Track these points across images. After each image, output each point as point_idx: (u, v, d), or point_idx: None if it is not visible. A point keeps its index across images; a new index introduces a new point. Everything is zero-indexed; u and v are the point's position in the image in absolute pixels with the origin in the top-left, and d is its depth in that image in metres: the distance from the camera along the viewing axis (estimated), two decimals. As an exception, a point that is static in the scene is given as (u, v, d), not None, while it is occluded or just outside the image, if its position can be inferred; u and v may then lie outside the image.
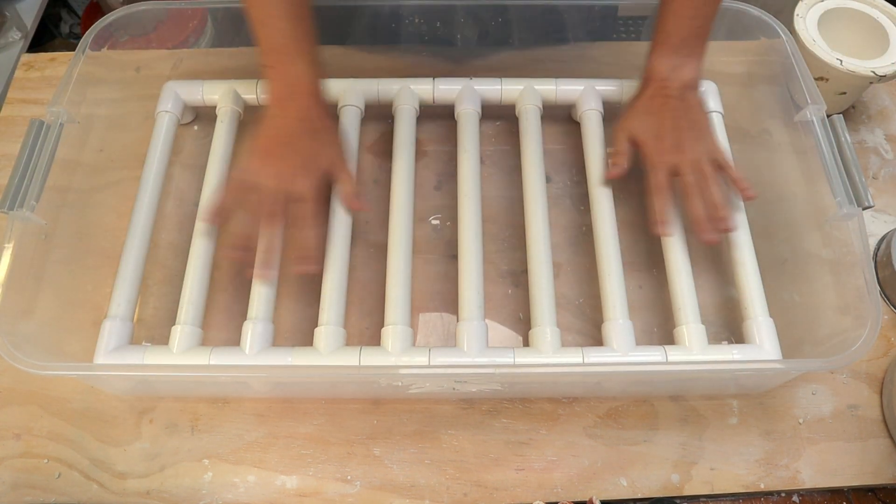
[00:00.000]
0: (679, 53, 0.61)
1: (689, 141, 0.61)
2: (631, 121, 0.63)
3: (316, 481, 0.57)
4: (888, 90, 0.78)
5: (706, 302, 0.63)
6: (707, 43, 0.62)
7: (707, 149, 0.61)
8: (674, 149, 0.61)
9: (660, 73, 0.62)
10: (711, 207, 0.59)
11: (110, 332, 0.56)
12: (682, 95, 0.62)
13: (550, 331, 0.55)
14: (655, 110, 0.62)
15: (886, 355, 0.63)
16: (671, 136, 0.61)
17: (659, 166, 0.61)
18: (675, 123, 0.61)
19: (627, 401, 0.60)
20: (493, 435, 0.58)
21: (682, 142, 0.61)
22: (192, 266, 0.59)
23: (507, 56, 0.78)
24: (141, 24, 0.71)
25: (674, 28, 0.61)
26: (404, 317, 0.56)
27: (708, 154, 0.61)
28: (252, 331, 0.55)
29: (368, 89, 0.69)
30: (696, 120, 0.62)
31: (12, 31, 1.34)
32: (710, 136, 0.62)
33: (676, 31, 0.61)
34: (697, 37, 0.61)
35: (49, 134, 0.60)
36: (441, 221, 0.68)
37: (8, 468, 0.57)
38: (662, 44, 0.62)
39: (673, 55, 0.61)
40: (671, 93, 0.62)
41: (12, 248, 0.55)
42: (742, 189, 0.61)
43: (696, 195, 0.60)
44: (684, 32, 0.61)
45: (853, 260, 0.55)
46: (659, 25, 0.62)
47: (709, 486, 0.57)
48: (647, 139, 0.62)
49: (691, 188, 0.60)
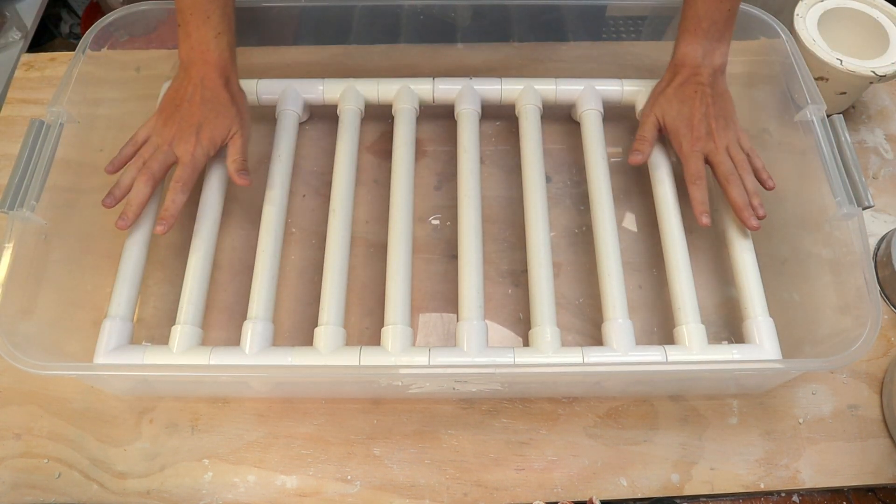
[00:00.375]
0: (710, 38, 0.61)
1: (721, 129, 0.61)
2: (662, 107, 0.63)
3: (316, 481, 0.57)
4: (888, 90, 0.78)
5: (706, 302, 0.63)
6: (734, 26, 0.62)
7: (736, 136, 0.62)
8: (707, 137, 0.61)
9: (692, 59, 0.62)
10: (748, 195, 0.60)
11: (110, 332, 0.56)
12: (713, 82, 0.62)
13: (550, 331, 0.55)
14: (688, 98, 0.62)
15: (886, 355, 0.63)
16: (703, 125, 0.61)
17: (694, 155, 0.61)
18: (706, 111, 0.61)
19: (627, 401, 0.60)
20: (493, 435, 0.58)
21: (713, 130, 0.61)
22: (192, 266, 0.59)
23: (508, 56, 0.78)
24: (141, 24, 0.71)
25: (704, 12, 0.61)
26: (404, 317, 0.56)
27: (737, 141, 0.61)
28: (252, 331, 0.55)
29: (368, 89, 0.69)
30: (726, 107, 0.62)
31: (12, 31, 1.34)
32: (736, 123, 0.63)
33: (707, 14, 0.61)
34: (727, 20, 0.61)
35: (49, 134, 0.60)
36: (441, 221, 0.68)
37: (8, 468, 0.57)
38: (693, 28, 0.62)
39: (704, 40, 0.61)
40: (703, 80, 0.62)
41: (12, 248, 0.55)
42: (763, 179, 0.62)
43: (735, 183, 0.60)
44: (715, 15, 0.61)
45: (853, 260, 0.55)
46: (688, 10, 0.62)
47: (709, 486, 0.57)
48: (679, 127, 0.62)
49: (730, 176, 0.60)
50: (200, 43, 0.60)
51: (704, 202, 0.60)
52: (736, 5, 0.61)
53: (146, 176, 0.59)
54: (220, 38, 0.60)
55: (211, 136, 0.60)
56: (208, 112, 0.60)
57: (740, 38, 0.72)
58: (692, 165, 0.61)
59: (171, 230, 0.58)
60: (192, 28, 0.59)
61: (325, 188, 0.65)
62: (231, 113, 0.61)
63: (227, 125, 0.61)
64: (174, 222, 0.59)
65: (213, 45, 0.60)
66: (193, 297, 0.57)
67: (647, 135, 0.64)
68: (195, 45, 0.60)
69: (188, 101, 0.60)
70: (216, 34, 0.60)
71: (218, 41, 0.60)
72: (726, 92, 0.63)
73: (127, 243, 0.60)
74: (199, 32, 0.59)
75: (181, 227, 0.66)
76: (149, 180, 0.59)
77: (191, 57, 0.61)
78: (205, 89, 0.60)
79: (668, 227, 0.61)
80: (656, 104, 0.64)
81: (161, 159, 0.59)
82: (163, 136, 0.60)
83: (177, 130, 0.60)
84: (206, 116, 0.60)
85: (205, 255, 0.60)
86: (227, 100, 0.61)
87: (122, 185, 0.60)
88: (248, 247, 0.65)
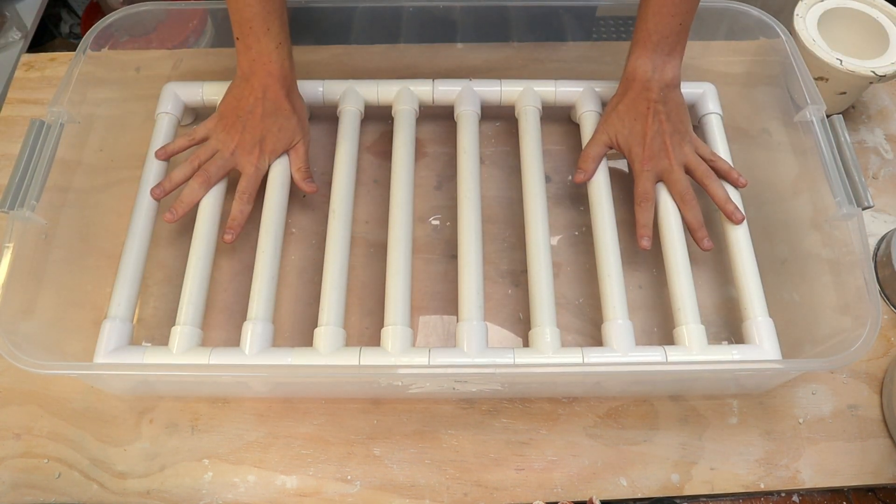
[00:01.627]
0: (660, 52, 0.61)
1: (675, 145, 0.61)
2: (614, 126, 0.63)
3: (316, 481, 0.57)
4: (888, 90, 0.78)
5: (706, 302, 0.63)
6: (686, 40, 0.62)
7: (693, 147, 0.62)
8: (660, 154, 0.61)
9: (642, 74, 0.62)
10: (721, 202, 0.60)
11: (110, 332, 0.56)
12: (664, 97, 0.62)
13: (550, 331, 0.55)
14: (640, 115, 0.62)
15: (886, 355, 0.63)
16: (657, 142, 0.61)
17: (644, 174, 0.61)
18: (659, 128, 0.61)
19: (627, 401, 0.60)
20: (493, 435, 0.58)
21: (667, 147, 0.61)
22: (192, 266, 0.59)
23: (507, 56, 0.78)
24: (141, 25, 0.71)
25: (654, 26, 0.60)
26: (404, 317, 0.56)
27: (694, 152, 0.62)
28: (252, 331, 0.55)
29: (368, 90, 0.69)
30: (680, 121, 0.62)
31: (12, 31, 1.34)
32: (692, 135, 0.63)
33: (657, 29, 0.60)
34: (678, 34, 0.61)
35: (49, 134, 0.60)
36: (441, 221, 0.68)
37: (8, 468, 0.57)
38: (643, 42, 0.61)
39: (654, 54, 0.61)
40: (653, 96, 0.61)
41: (12, 248, 0.55)
42: (733, 180, 0.62)
43: (691, 205, 0.60)
44: (665, 30, 0.60)
45: (853, 260, 0.55)
46: (640, 24, 0.62)
47: (709, 486, 0.57)
48: (631, 145, 0.62)
49: (686, 196, 0.61)
50: (262, 55, 0.60)
51: (647, 225, 0.60)
52: (689, 20, 0.60)
53: (203, 178, 0.61)
54: (281, 49, 0.60)
55: (273, 149, 0.62)
56: (271, 125, 0.61)
57: (740, 38, 0.72)
58: (640, 185, 0.61)
59: (170, 233, 0.58)
60: (253, 40, 0.59)
61: (325, 188, 0.66)
62: (292, 124, 0.62)
63: (290, 137, 0.63)
64: (241, 231, 0.61)
65: (275, 56, 0.60)
66: (193, 298, 0.57)
67: (593, 153, 0.63)
68: (256, 56, 0.60)
69: (250, 113, 0.61)
70: (277, 45, 0.60)
71: (279, 52, 0.60)
72: (681, 105, 0.63)
73: (127, 243, 0.60)
74: (259, 44, 0.59)
75: (181, 228, 0.66)
76: (204, 183, 0.61)
77: (253, 68, 0.61)
78: (267, 101, 0.61)
79: (667, 227, 0.61)
80: (608, 122, 0.63)
81: (220, 165, 0.61)
82: (224, 143, 0.61)
83: (239, 141, 0.61)
84: (269, 129, 0.61)
85: (205, 256, 0.60)
86: (288, 111, 0.62)
87: (174, 180, 0.62)
88: (249, 247, 0.65)
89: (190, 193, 0.61)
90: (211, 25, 1.11)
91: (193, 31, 1.09)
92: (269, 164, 0.63)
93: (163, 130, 0.66)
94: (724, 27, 0.70)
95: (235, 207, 0.61)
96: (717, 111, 0.68)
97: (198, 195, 0.61)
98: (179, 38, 1.01)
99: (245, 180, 0.61)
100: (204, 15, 1.09)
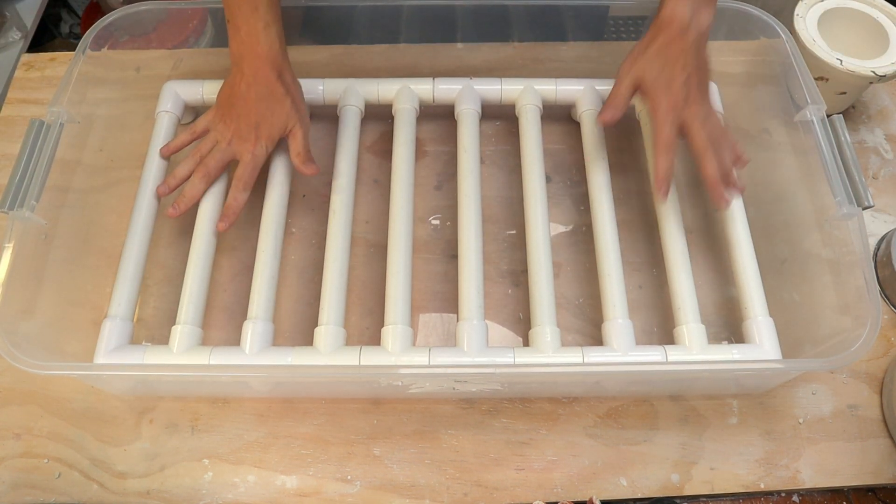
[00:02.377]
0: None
1: (699, 97, 0.58)
2: (642, 67, 0.59)
3: (316, 481, 0.57)
4: (888, 90, 0.78)
5: (706, 302, 0.63)
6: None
7: (711, 108, 0.59)
8: (684, 104, 0.58)
9: (680, 18, 0.57)
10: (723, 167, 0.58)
11: (110, 331, 0.56)
12: (697, 47, 0.58)
13: (550, 330, 0.55)
14: (671, 60, 0.58)
15: (886, 355, 0.63)
16: (683, 91, 0.57)
17: (668, 122, 0.58)
18: (687, 78, 0.57)
19: (627, 401, 0.60)
20: (493, 435, 0.58)
21: (693, 99, 0.58)
22: (192, 266, 0.59)
23: (508, 56, 0.78)
24: (141, 24, 0.71)
25: None
26: (404, 317, 0.56)
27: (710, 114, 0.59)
28: (252, 331, 0.55)
29: (368, 89, 0.69)
30: (705, 77, 0.59)
31: (12, 31, 1.34)
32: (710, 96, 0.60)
33: None
34: None
35: (49, 134, 0.60)
36: (441, 221, 0.68)
37: (8, 468, 0.57)
38: None
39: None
40: (688, 43, 0.57)
41: (12, 248, 0.55)
42: (737, 154, 0.60)
43: (710, 157, 0.57)
44: None
45: (853, 260, 0.55)
46: None
47: (709, 486, 0.57)
48: (657, 90, 0.58)
49: (706, 149, 0.57)
50: (249, 36, 0.59)
51: (667, 177, 0.58)
52: None
53: (203, 173, 0.61)
54: (269, 29, 0.59)
55: (269, 134, 0.61)
56: (264, 109, 0.60)
57: (740, 38, 0.72)
58: (665, 132, 0.58)
59: (170, 233, 0.58)
60: (241, 21, 0.58)
61: (325, 188, 0.65)
62: (286, 107, 0.61)
63: (284, 120, 0.61)
64: (236, 219, 0.61)
65: (263, 37, 0.59)
66: (193, 297, 0.58)
67: (622, 94, 0.60)
68: (244, 38, 0.59)
69: (242, 99, 0.60)
70: (265, 25, 0.59)
71: (267, 32, 0.59)
72: (708, 60, 0.60)
73: (127, 243, 0.60)
74: (247, 25, 0.58)
75: (181, 228, 0.66)
76: (205, 177, 0.61)
77: (241, 51, 0.60)
78: (258, 85, 0.60)
79: (668, 227, 0.61)
80: (636, 63, 0.59)
81: (219, 157, 0.61)
82: (221, 133, 0.61)
83: (235, 129, 0.61)
84: (263, 114, 0.60)
85: (205, 255, 0.60)
86: (281, 94, 0.60)
87: (178, 176, 0.62)
88: (248, 247, 0.65)
89: (191, 188, 0.61)
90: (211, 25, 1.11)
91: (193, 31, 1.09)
92: (268, 150, 0.61)
93: (163, 129, 0.66)
94: (724, 27, 0.70)
95: (231, 195, 0.61)
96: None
97: (199, 189, 0.61)
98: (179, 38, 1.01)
99: (241, 167, 0.61)
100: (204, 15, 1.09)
